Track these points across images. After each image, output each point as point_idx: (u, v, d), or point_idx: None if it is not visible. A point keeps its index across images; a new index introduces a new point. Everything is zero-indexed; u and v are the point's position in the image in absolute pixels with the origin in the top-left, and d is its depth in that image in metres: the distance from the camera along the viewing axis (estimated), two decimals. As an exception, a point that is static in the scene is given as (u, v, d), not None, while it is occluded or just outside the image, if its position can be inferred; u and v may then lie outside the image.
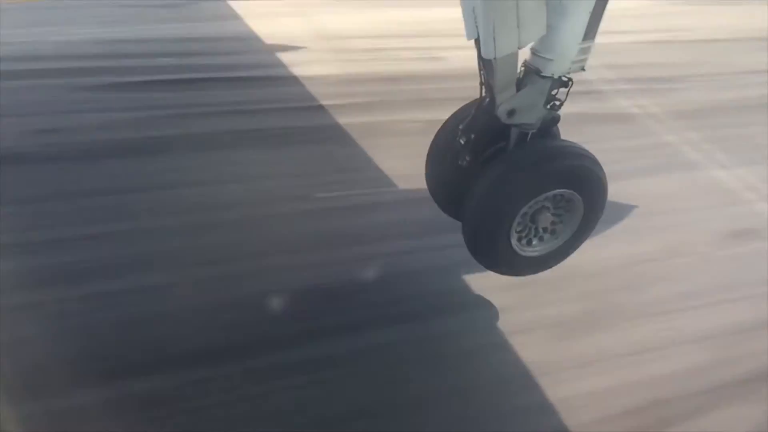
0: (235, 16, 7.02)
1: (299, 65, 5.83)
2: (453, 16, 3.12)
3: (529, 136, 3.07)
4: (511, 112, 2.98)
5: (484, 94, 3.07)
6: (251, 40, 6.45)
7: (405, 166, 4.15)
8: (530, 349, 3.15)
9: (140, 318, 3.13)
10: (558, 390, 2.96)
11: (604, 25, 2.88)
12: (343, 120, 4.97)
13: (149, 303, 3.21)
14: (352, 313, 3.29)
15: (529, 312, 3.39)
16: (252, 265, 3.52)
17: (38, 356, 2.85)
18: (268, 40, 6.40)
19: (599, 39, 2.91)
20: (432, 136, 3.41)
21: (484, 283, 3.46)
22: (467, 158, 3.16)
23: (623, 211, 4.15)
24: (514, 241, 3.12)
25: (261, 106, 5.15)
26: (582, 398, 2.97)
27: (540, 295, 3.46)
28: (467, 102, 3.27)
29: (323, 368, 2.98)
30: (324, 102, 5.23)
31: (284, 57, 6.01)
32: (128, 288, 3.27)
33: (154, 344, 3.00)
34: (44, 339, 2.94)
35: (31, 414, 2.62)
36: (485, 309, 3.40)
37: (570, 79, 2.99)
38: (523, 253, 3.18)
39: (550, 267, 3.32)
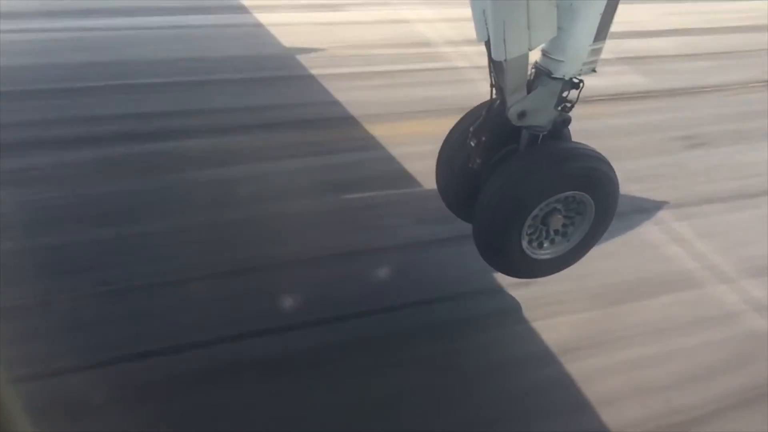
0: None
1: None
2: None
3: (540, 137, 3.06)
4: (521, 114, 2.97)
5: (494, 95, 3.06)
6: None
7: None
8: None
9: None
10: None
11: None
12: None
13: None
14: (372, 307, 3.33)
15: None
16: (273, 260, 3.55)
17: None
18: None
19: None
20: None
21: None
22: (478, 160, 3.15)
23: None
24: (524, 244, 3.11)
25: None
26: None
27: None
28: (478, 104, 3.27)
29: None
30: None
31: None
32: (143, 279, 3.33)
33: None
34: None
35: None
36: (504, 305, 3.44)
37: (581, 81, 2.97)
38: (533, 256, 3.17)
39: (560, 270, 3.30)
